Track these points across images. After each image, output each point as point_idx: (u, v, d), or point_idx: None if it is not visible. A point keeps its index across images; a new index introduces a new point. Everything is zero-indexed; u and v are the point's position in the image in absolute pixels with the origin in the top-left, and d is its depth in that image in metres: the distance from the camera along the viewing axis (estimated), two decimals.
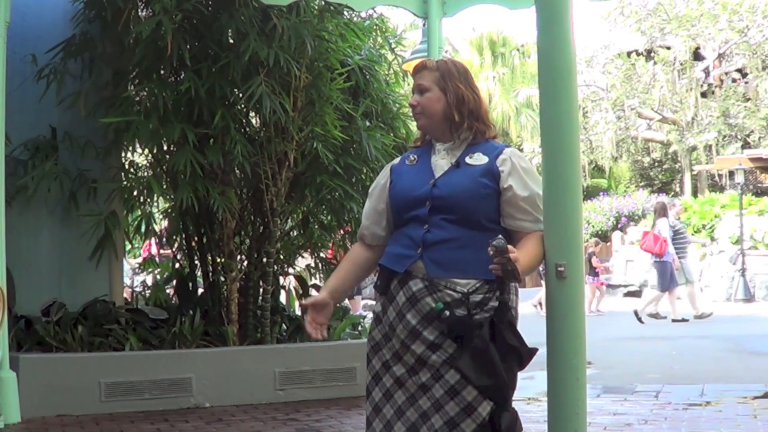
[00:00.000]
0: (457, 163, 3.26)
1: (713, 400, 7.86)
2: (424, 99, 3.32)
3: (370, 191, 3.52)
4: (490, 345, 2.96)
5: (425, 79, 3.34)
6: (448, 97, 3.31)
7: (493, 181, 3.19)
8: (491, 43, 40.72)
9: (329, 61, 8.23)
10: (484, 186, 3.17)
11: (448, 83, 3.32)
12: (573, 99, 3.27)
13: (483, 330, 2.99)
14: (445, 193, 3.19)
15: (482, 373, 2.94)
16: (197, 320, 8.13)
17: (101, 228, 8.18)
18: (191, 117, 7.84)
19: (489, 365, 2.94)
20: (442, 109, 3.31)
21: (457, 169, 3.25)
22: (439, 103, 3.30)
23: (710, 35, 31.25)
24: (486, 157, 3.24)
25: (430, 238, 3.16)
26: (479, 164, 3.23)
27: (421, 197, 3.22)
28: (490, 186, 3.18)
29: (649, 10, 32.14)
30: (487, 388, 2.96)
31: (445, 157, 3.31)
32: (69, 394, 7.27)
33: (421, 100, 3.32)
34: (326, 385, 8.12)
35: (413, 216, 3.23)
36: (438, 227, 3.17)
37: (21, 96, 7.81)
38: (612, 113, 34.44)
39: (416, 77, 3.38)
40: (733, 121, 32.35)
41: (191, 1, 7.43)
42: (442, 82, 3.32)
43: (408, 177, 3.34)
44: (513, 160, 3.23)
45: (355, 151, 8.60)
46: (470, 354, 2.95)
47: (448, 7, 7.73)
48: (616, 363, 10.72)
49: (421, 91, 3.33)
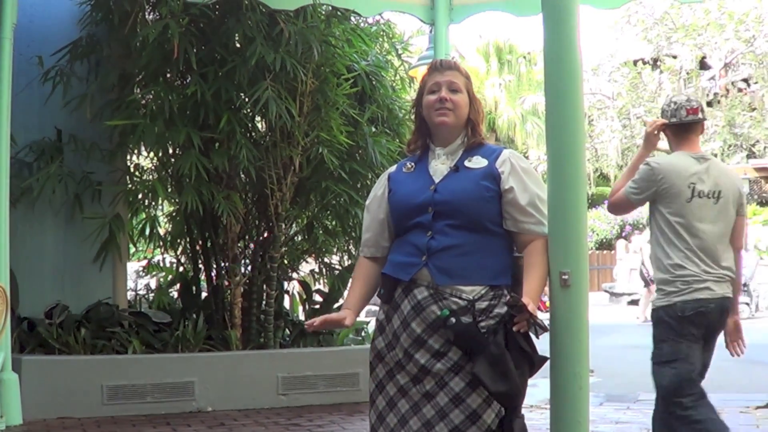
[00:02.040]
0: (456, 167, 3.25)
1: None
2: (456, 98, 3.30)
3: (367, 204, 3.49)
4: (506, 351, 2.95)
5: (458, 79, 3.32)
6: (474, 106, 3.33)
7: (495, 184, 3.18)
8: (498, 50, 40.69)
9: (336, 66, 8.22)
10: (486, 189, 3.16)
11: (472, 92, 3.35)
12: (579, 107, 3.27)
13: (498, 336, 2.97)
14: (447, 198, 3.17)
15: (498, 379, 2.93)
16: (200, 324, 8.13)
17: (105, 231, 8.20)
18: (197, 121, 7.86)
19: (504, 371, 2.93)
20: (466, 115, 3.31)
21: (457, 173, 3.23)
22: (466, 108, 3.31)
23: (717, 45, 31.20)
24: (485, 160, 3.23)
25: (435, 245, 3.15)
26: (479, 167, 3.22)
27: (423, 204, 3.20)
28: (492, 189, 3.17)
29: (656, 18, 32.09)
30: (502, 394, 2.95)
31: (444, 162, 3.30)
32: (71, 396, 7.26)
33: (454, 98, 3.29)
34: (329, 390, 8.11)
35: (416, 223, 3.21)
36: (442, 234, 3.15)
37: (27, 98, 7.82)
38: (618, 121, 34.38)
39: (446, 74, 3.33)
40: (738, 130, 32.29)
41: (198, 5, 7.42)
42: (469, 87, 3.34)
43: (407, 184, 3.32)
44: (512, 161, 3.23)
45: (360, 156, 8.61)
46: (487, 360, 2.94)
47: (455, 14, 7.73)
48: (619, 372, 10.71)
49: (452, 89, 3.30)
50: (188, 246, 9.06)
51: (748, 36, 30.40)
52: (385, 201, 3.38)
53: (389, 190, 3.39)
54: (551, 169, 3.24)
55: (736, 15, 30.08)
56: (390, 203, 3.36)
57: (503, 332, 2.99)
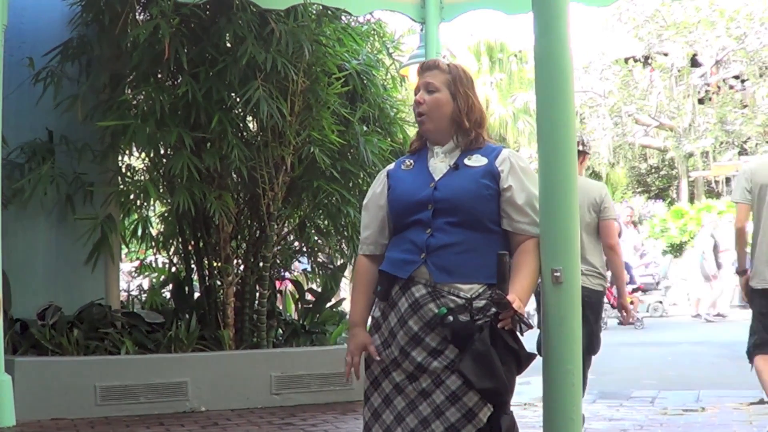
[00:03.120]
0: (456, 165, 3.25)
1: (709, 405, 7.87)
2: (432, 99, 3.29)
3: (365, 203, 3.48)
4: (491, 348, 2.95)
5: (436, 78, 3.31)
6: (458, 103, 3.29)
7: (494, 182, 3.18)
8: (489, 49, 40.68)
9: (327, 65, 8.22)
10: (485, 187, 3.16)
11: (459, 88, 3.31)
12: (570, 105, 3.27)
13: (483, 333, 2.97)
14: (447, 195, 3.17)
15: (483, 376, 2.93)
16: (193, 324, 8.12)
17: (97, 231, 8.19)
18: (188, 121, 7.85)
19: (490, 368, 2.93)
20: (449, 113, 3.29)
21: (456, 171, 3.23)
22: (447, 106, 3.29)
23: (708, 42, 31.26)
24: (485, 159, 3.23)
25: (434, 242, 3.15)
26: (479, 166, 3.22)
27: (423, 200, 3.20)
28: (492, 187, 3.17)
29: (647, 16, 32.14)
30: (488, 391, 2.95)
31: (444, 160, 3.29)
32: (64, 397, 7.26)
33: (428, 99, 3.29)
34: (322, 389, 8.11)
35: (415, 220, 3.21)
36: (441, 231, 3.15)
37: (18, 99, 7.80)
38: (609, 119, 34.43)
39: (425, 75, 3.34)
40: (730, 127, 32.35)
41: (189, 5, 7.41)
42: (453, 86, 3.31)
43: (407, 181, 3.32)
44: (512, 160, 3.23)
45: (352, 155, 8.61)
46: (471, 357, 2.94)
47: (445, 13, 7.74)
48: (612, 369, 10.72)
49: (429, 90, 3.30)
50: (180, 246, 9.05)
51: (739, 33, 30.47)
52: (384, 198, 3.37)
53: (389, 186, 3.38)
54: (542, 167, 3.25)
55: (727, 12, 30.17)
56: (389, 200, 3.35)
57: (489, 329, 2.99)
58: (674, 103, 33.08)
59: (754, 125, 31.26)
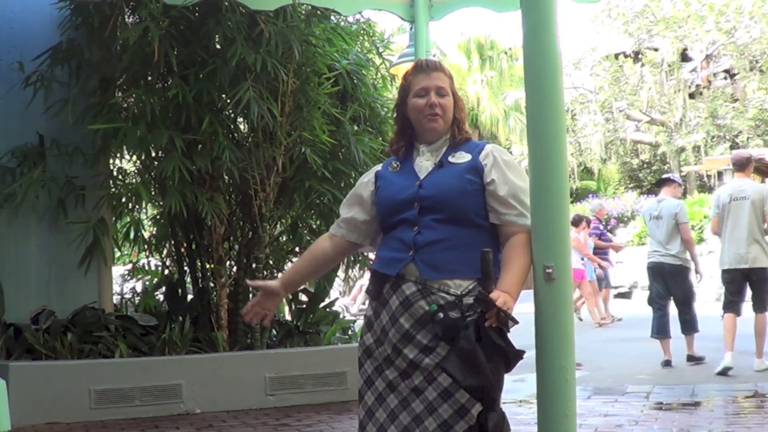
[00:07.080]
0: (440, 162, 3.26)
1: (703, 400, 7.89)
2: (445, 102, 3.32)
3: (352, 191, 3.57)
4: (476, 345, 2.95)
5: (444, 82, 3.33)
6: (457, 104, 3.36)
7: (478, 177, 3.19)
8: (479, 47, 40.70)
9: (317, 65, 8.22)
10: (470, 182, 3.17)
11: (455, 90, 3.38)
12: (559, 102, 3.27)
13: (468, 331, 2.96)
14: (432, 192, 3.18)
15: (468, 373, 2.91)
16: (187, 326, 8.12)
17: (90, 235, 8.17)
18: (179, 123, 7.84)
19: (475, 365, 2.90)
20: (453, 115, 3.34)
21: (441, 168, 3.25)
22: (452, 109, 3.34)
23: (697, 36, 31.36)
24: (469, 155, 3.25)
25: (421, 239, 3.15)
26: (463, 162, 3.23)
27: (409, 199, 3.21)
28: (476, 182, 3.18)
29: (636, 12, 32.24)
30: (473, 388, 2.94)
31: (429, 158, 3.31)
32: (59, 401, 7.25)
33: (442, 103, 3.31)
34: (317, 389, 8.12)
35: (402, 219, 3.22)
36: (428, 228, 3.15)
37: (8, 103, 7.81)
38: (600, 115, 34.51)
39: (432, 76, 3.33)
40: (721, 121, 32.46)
41: (178, 7, 7.40)
42: (453, 88, 3.37)
43: (393, 182, 3.33)
44: (495, 154, 3.24)
45: (343, 155, 8.60)
46: (457, 354, 2.94)
47: (435, 11, 7.74)
48: (607, 364, 10.74)
49: (441, 93, 3.31)
50: (173, 248, 9.04)
51: (728, 27, 30.57)
52: (371, 196, 3.42)
53: (377, 188, 3.40)
54: (533, 164, 3.24)
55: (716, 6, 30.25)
56: (376, 201, 3.37)
57: (474, 326, 2.98)
58: (665, 98, 33.18)
59: (745, 119, 31.40)
